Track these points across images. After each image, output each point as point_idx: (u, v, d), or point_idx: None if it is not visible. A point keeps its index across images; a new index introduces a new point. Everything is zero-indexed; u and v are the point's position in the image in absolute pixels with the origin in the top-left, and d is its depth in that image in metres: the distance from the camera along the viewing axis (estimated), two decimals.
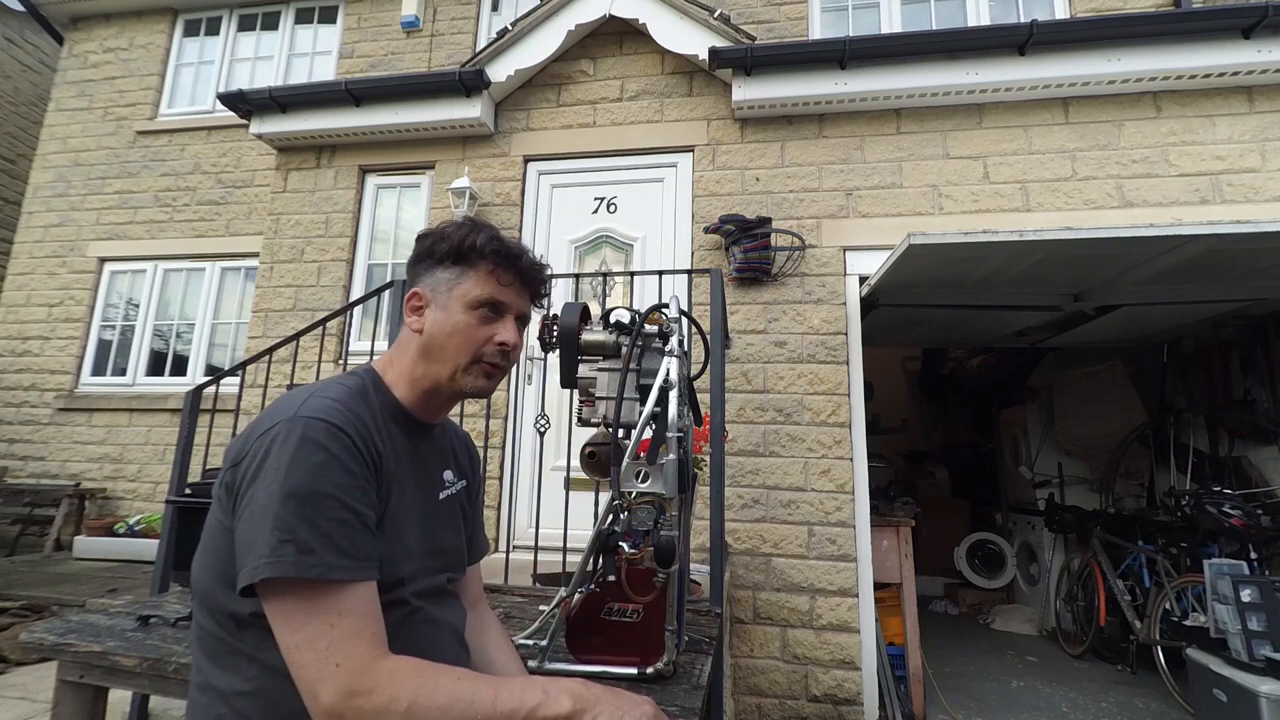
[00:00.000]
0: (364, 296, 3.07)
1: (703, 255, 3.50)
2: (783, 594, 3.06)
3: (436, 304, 0.94)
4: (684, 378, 1.23)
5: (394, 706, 0.68)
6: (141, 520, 4.71)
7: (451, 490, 1.03)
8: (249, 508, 0.73)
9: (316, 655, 0.69)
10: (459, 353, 0.93)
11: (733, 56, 3.42)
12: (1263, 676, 2.53)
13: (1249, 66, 3.10)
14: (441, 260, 0.95)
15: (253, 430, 0.79)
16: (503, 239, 0.97)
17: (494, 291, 0.94)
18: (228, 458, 0.80)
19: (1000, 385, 5.70)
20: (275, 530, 0.70)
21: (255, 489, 0.73)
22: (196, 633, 0.81)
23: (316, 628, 0.69)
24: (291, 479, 0.72)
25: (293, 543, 0.70)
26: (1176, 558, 3.73)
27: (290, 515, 0.71)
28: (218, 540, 0.79)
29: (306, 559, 0.70)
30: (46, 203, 5.93)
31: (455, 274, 0.94)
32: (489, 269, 0.94)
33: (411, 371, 0.94)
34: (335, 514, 0.73)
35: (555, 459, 3.24)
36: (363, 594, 0.74)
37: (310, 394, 0.82)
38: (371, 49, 5.35)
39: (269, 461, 0.73)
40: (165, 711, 2.34)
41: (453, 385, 0.94)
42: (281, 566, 0.69)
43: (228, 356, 5.32)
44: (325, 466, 0.74)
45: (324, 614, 0.70)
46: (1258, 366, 3.73)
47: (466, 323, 0.93)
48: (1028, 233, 2.57)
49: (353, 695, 0.68)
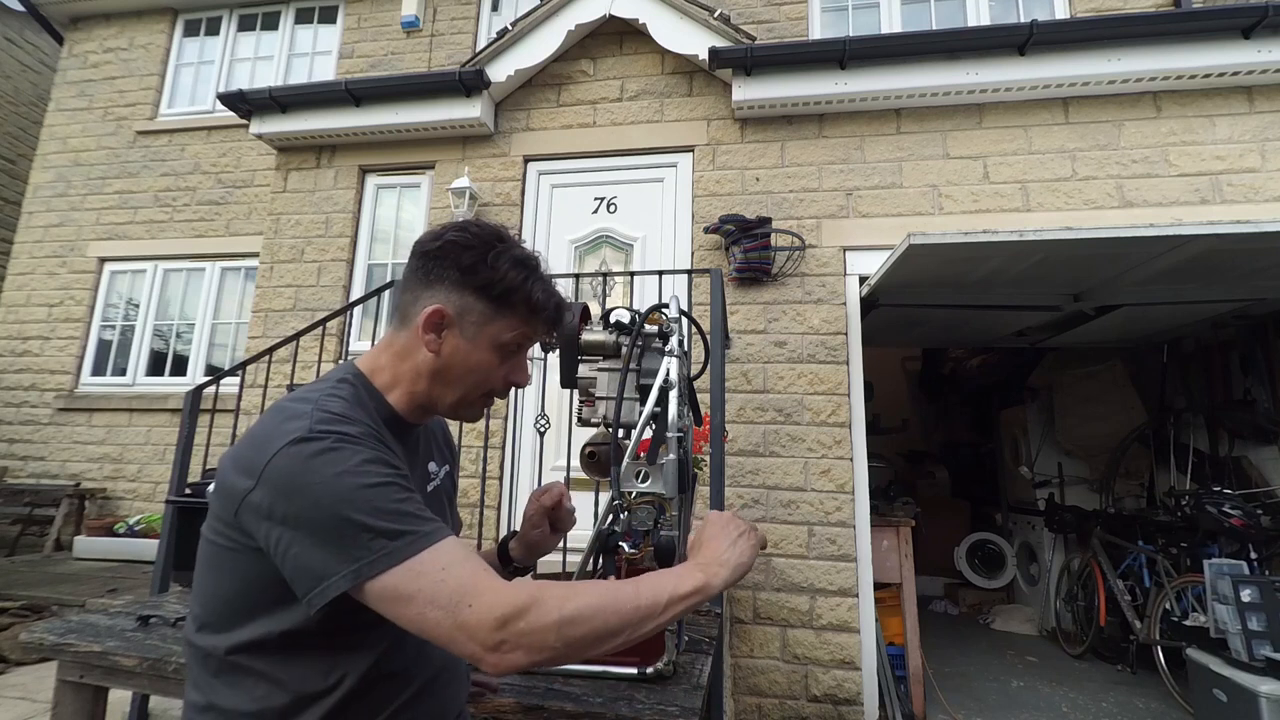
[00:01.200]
0: (364, 296, 3.08)
1: (703, 255, 3.50)
2: (783, 594, 3.06)
3: (462, 332, 0.88)
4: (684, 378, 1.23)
5: (547, 617, 0.67)
6: (141, 520, 4.71)
7: (438, 480, 1.03)
8: (306, 527, 0.70)
9: (446, 610, 0.67)
10: (473, 387, 0.91)
11: (733, 56, 3.42)
12: (1263, 676, 2.53)
13: (1249, 66, 3.10)
14: (479, 289, 0.87)
15: (260, 452, 0.74)
16: (555, 296, 0.93)
17: (526, 339, 0.93)
18: (234, 478, 0.75)
19: (1000, 385, 5.70)
20: (356, 533, 0.69)
21: (301, 509, 0.70)
22: (197, 653, 0.78)
23: (431, 588, 0.68)
24: (343, 482, 0.71)
25: (381, 535, 0.69)
26: (1176, 558, 3.73)
27: (362, 514, 0.70)
28: (226, 561, 0.76)
29: (398, 543, 0.70)
30: (46, 203, 5.93)
31: (490, 310, 0.88)
32: (528, 318, 0.90)
33: (413, 385, 0.89)
34: (398, 494, 0.73)
35: (555, 459, 3.24)
36: (453, 543, 0.73)
37: (313, 409, 0.78)
38: (371, 49, 5.35)
39: (308, 479, 0.71)
40: (165, 711, 2.35)
41: (449, 412, 0.93)
42: (383, 561, 0.69)
43: (228, 356, 5.32)
44: (366, 461, 0.74)
45: (431, 575, 0.69)
46: (1258, 366, 3.73)
47: (490, 362, 0.90)
48: (1028, 233, 2.57)
49: (504, 623, 0.66)
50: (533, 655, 0.67)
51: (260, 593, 0.75)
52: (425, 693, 0.86)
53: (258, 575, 0.74)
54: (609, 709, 1.23)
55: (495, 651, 0.66)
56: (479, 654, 0.67)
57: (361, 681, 0.78)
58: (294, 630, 0.74)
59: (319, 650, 0.77)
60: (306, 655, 0.76)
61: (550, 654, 0.68)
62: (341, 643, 0.78)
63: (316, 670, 0.76)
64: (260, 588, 0.75)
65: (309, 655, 0.76)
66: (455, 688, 0.95)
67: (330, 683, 0.76)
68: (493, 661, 0.67)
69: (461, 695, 0.97)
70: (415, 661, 0.85)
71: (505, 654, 0.66)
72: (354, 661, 0.78)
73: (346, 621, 0.76)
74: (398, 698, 0.82)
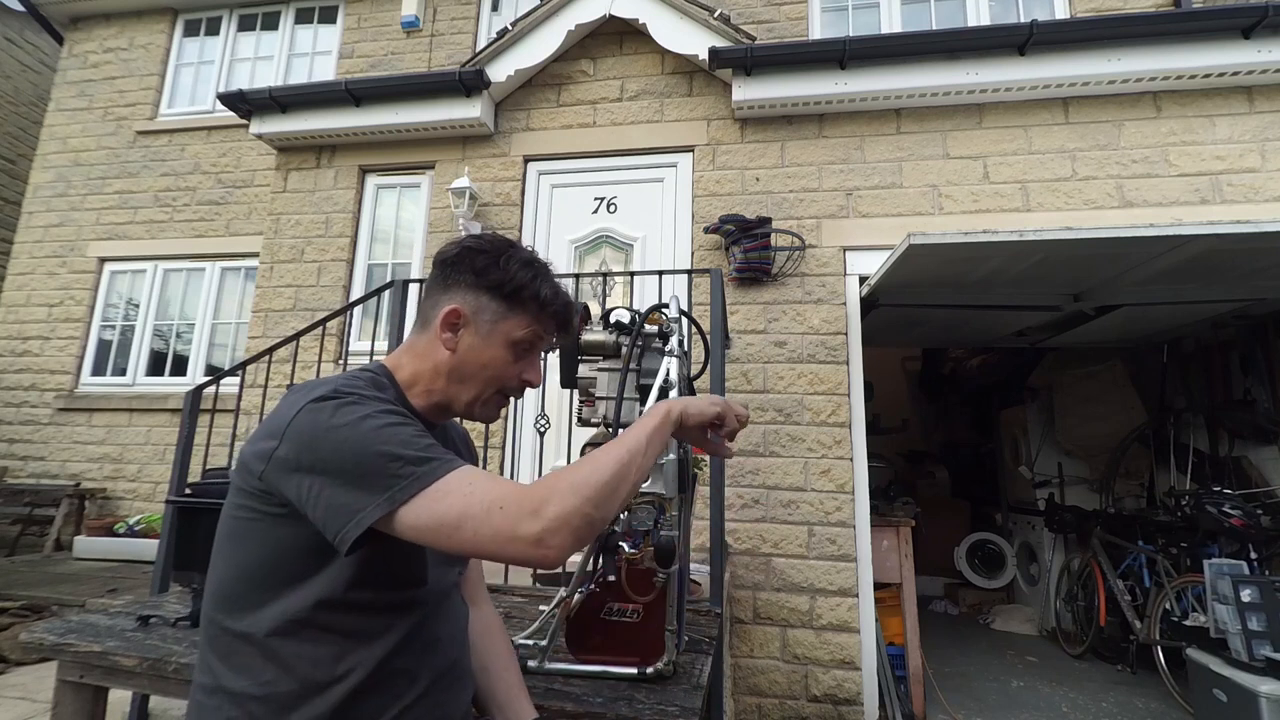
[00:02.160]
0: (364, 296, 3.07)
1: (703, 255, 3.50)
2: (783, 594, 3.06)
3: (477, 330, 0.92)
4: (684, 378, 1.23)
5: (569, 495, 0.71)
6: (141, 520, 4.70)
7: None
8: (334, 469, 0.73)
9: (481, 519, 0.70)
10: (486, 385, 0.93)
11: (733, 56, 3.42)
12: (1263, 676, 2.53)
13: (1249, 66, 3.10)
14: (491, 289, 0.92)
15: (282, 416, 0.78)
16: (563, 294, 0.97)
17: (537, 338, 0.95)
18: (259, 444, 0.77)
19: (1000, 385, 5.70)
20: (384, 464, 0.72)
21: (327, 453, 0.73)
22: (208, 632, 0.80)
23: (461, 503, 0.71)
24: (365, 424, 0.74)
25: (408, 462, 0.73)
26: (1176, 558, 3.73)
27: (387, 446, 0.73)
28: (252, 532, 0.78)
29: (426, 468, 0.73)
30: (46, 203, 5.93)
31: (503, 309, 0.92)
32: (537, 314, 0.94)
33: (431, 384, 0.93)
34: (416, 432, 0.77)
35: (555, 459, 3.24)
36: (472, 468, 0.77)
37: (333, 380, 0.82)
38: (371, 49, 5.35)
39: (331, 426, 0.74)
40: (165, 711, 2.35)
41: (466, 411, 0.95)
42: (414, 485, 0.72)
43: (228, 356, 5.32)
44: (382, 410, 0.77)
45: (459, 492, 0.72)
46: (1258, 366, 3.73)
47: (503, 359, 0.93)
48: (1028, 233, 2.57)
49: (537, 512, 0.70)
50: (574, 526, 0.71)
51: (280, 565, 0.77)
52: (432, 693, 0.87)
53: (278, 543, 0.77)
54: (609, 709, 1.23)
55: (539, 543, 0.69)
56: (526, 550, 0.70)
57: (370, 676, 0.79)
58: (309, 612, 0.76)
59: (332, 637, 0.78)
60: (318, 642, 0.77)
61: (586, 519, 0.72)
62: (354, 631, 0.79)
63: (327, 658, 0.77)
64: (280, 559, 0.77)
65: (321, 642, 0.77)
66: (461, 688, 0.95)
67: (339, 673, 0.77)
68: (541, 554, 0.70)
69: (466, 696, 0.97)
70: (422, 660, 0.85)
71: (549, 539, 0.69)
72: (364, 653, 0.79)
73: (364, 595, 0.78)
74: (405, 696, 0.82)
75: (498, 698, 1.05)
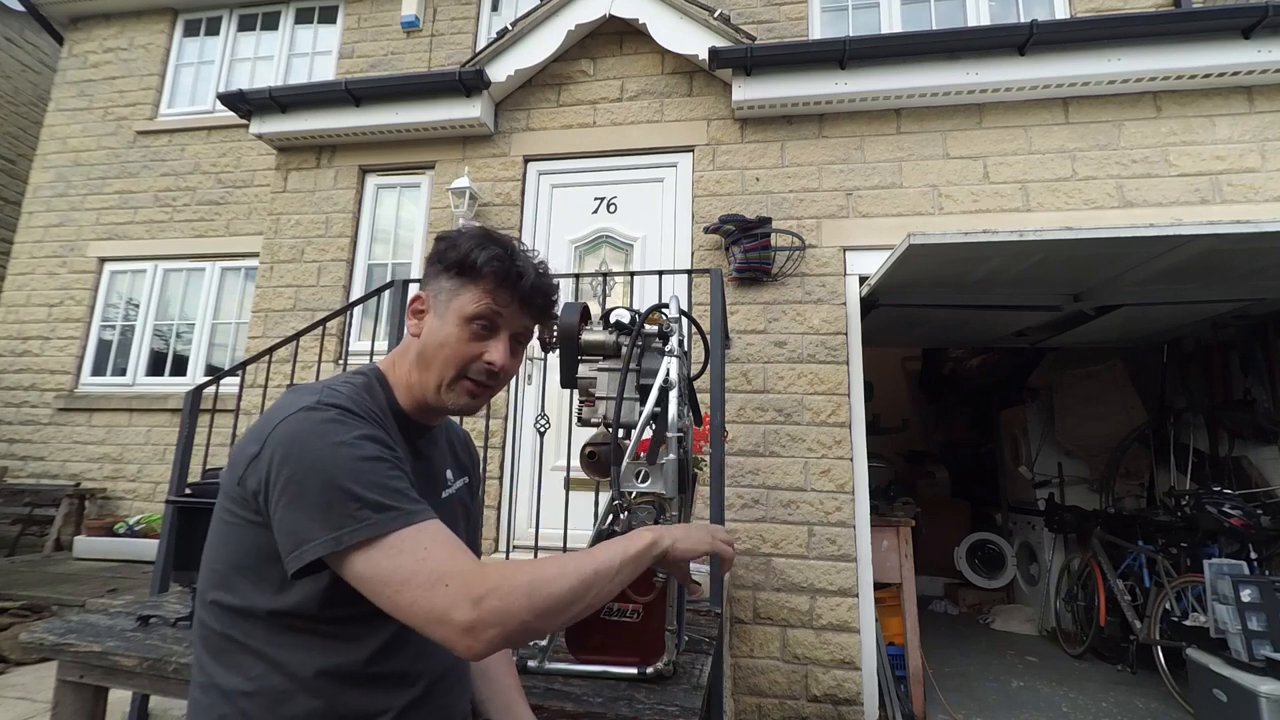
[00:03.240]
0: (364, 296, 3.07)
1: (703, 255, 3.50)
2: (783, 594, 3.06)
3: (436, 312, 0.92)
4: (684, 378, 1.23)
5: (517, 595, 0.69)
6: (141, 520, 4.71)
7: (453, 489, 1.03)
8: (296, 489, 0.72)
9: (424, 589, 0.68)
10: (445, 366, 0.91)
11: (733, 56, 3.42)
12: (1263, 676, 2.53)
13: (1249, 66, 3.10)
14: (448, 268, 0.92)
15: (268, 421, 0.78)
16: (508, 257, 0.93)
17: (489, 309, 0.91)
18: (243, 448, 0.79)
19: (1000, 385, 5.70)
20: (343, 501, 0.71)
21: (296, 470, 0.73)
22: (200, 631, 0.81)
23: (411, 565, 0.70)
24: (340, 452, 0.73)
25: (366, 506, 0.71)
26: (1176, 558, 3.73)
27: (352, 483, 0.72)
28: (232, 534, 0.78)
29: (384, 515, 0.71)
30: (46, 203, 5.93)
31: (456, 285, 0.92)
32: (488, 286, 0.92)
33: (408, 377, 0.93)
34: (390, 471, 0.75)
35: (555, 459, 3.24)
36: (435, 525, 0.75)
37: (323, 388, 0.82)
38: (371, 49, 5.35)
39: (308, 443, 0.74)
40: (165, 711, 2.35)
41: (437, 399, 0.92)
42: (364, 531, 0.70)
43: (228, 356, 5.32)
44: (364, 437, 0.76)
45: (412, 553, 0.70)
46: (1258, 366, 3.73)
47: (458, 336, 0.90)
48: (1028, 233, 2.57)
49: (479, 601, 0.68)
50: (508, 629, 0.68)
51: (259, 569, 0.77)
52: (434, 695, 0.87)
53: (258, 549, 0.77)
54: (609, 709, 1.23)
55: (469, 632, 0.67)
56: (452, 636, 0.67)
57: (359, 675, 0.79)
58: (289, 617, 0.76)
59: (314, 639, 0.77)
60: (303, 639, 0.77)
61: (522, 625, 0.69)
62: (337, 632, 0.78)
63: (312, 657, 0.77)
64: (260, 564, 0.77)
65: (305, 639, 0.77)
66: (461, 689, 0.95)
67: (326, 669, 0.77)
68: (467, 644, 0.67)
69: (466, 699, 0.97)
70: (417, 663, 0.85)
71: (481, 631, 0.67)
72: (350, 654, 0.79)
73: (340, 611, 0.77)
74: (402, 697, 0.82)
75: (497, 702, 1.04)
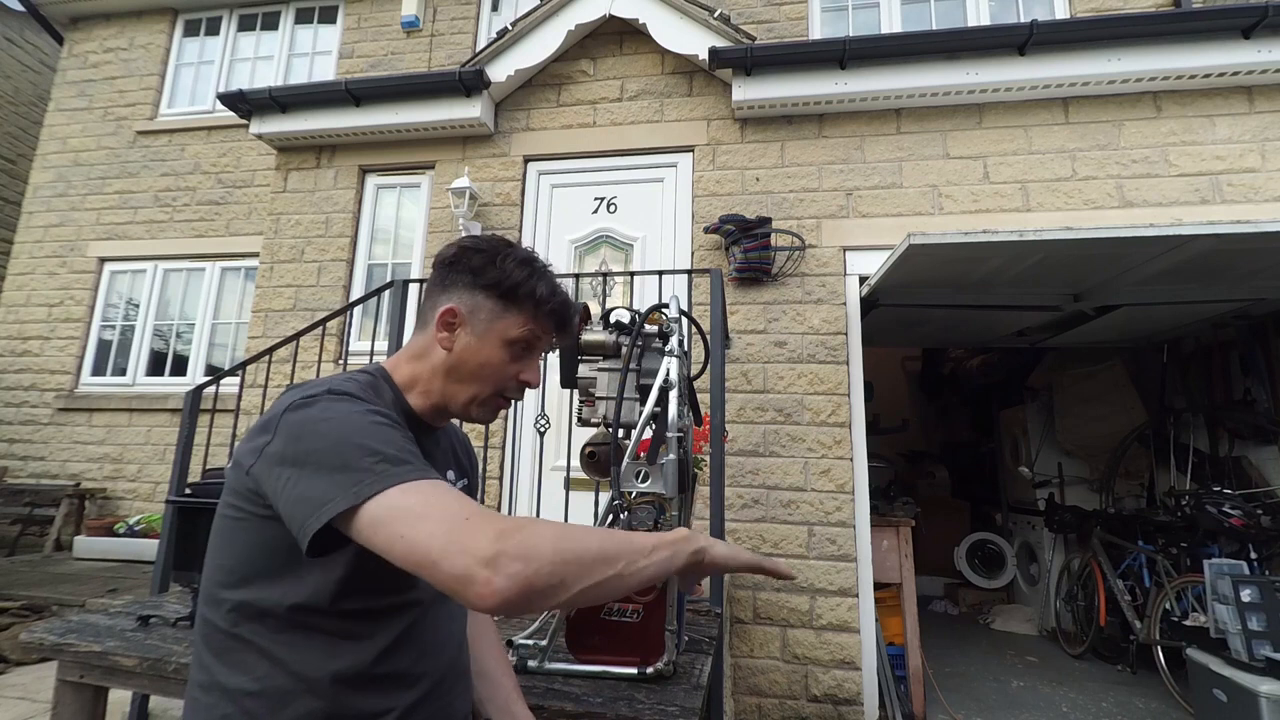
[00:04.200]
0: (364, 296, 3.07)
1: (703, 255, 3.50)
2: (782, 594, 3.06)
3: (473, 329, 0.92)
4: (684, 378, 1.23)
5: (544, 536, 0.64)
6: (141, 520, 4.71)
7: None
8: (309, 458, 0.70)
9: (443, 521, 0.64)
10: (484, 385, 0.92)
11: (733, 56, 3.42)
12: (1263, 676, 2.53)
13: (1249, 66, 3.10)
14: (487, 287, 0.92)
15: (276, 410, 0.78)
16: (560, 293, 0.95)
17: (532, 335, 0.94)
18: (250, 439, 0.78)
19: (1000, 385, 5.70)
20: (360, 456, 0.69)
21: (308, 443, 0.72)
22: (203, 630, 0.80)
23: (429, 502, 0.66)
24: (353, 421, 0.73)
25: (385, 460, 0.69)
26: (1176, 558, 3.73)
27: (368, 439, 0.71)
28: (239, 532, 0.78)
29: (400, 468, 0.69)
30: (46, 203, 5.93)
31: (499, 308, 0.92)
32: (533, 313, 0.93)
33: (429, 384, 0.93)
34: (405, 438, 0.75)
35: (555, 459, 3.24)
36: (450, 486, 0.72)
37: (329, 382, 0.82)
38: (371, 49, 5.35)
39: (320, 419, 0.73)
40: (165, 712, 2.35)
41: (464, 411, 0.93)
42: (384, 479, 0.67)
43: (228, 356, 5.32)
44: (375, 412, 0.77)
45: (427, 493, 0.68)
46: (1258, 366, 3.73)
47: (500, 359, 0.92)
48: (1028, 233, 2.57)
49: (504, 534, 0.62)
50: (530, 570, 0.61)
51: (266, 566, 0.77)
52: (436, 695, 0.87)
53: (264, 545, 0.77)
54: (609, 709, 1.23)
55: (490, 565, 0.60)
56: (472, 568, 0.60)
57: (364, 675, 0.78)
58: (296, 614, 0.76)
59: (321, 637, 0.77)
60: (311, 637, 0.77)
61: (547, 568, 0.62)
62: (346, 630, 0.78)
63: (318, 656, 0.77)
64: (266, 561, 0.77)
65: (311, 641, 0.77)
66: (463, 689, 0.95)
67: (332, 670, 0.77)
68: (486, 577, 0.59)
69: (467, 700, 0.97)
70: (420, 663, 0.85)
71: (503, 564, 0.60)
72: (357, 652, 0.78)
73: (352, 604, 0.77)
74: (405, 697, 0.82)
75: (496, 702, 1.04)
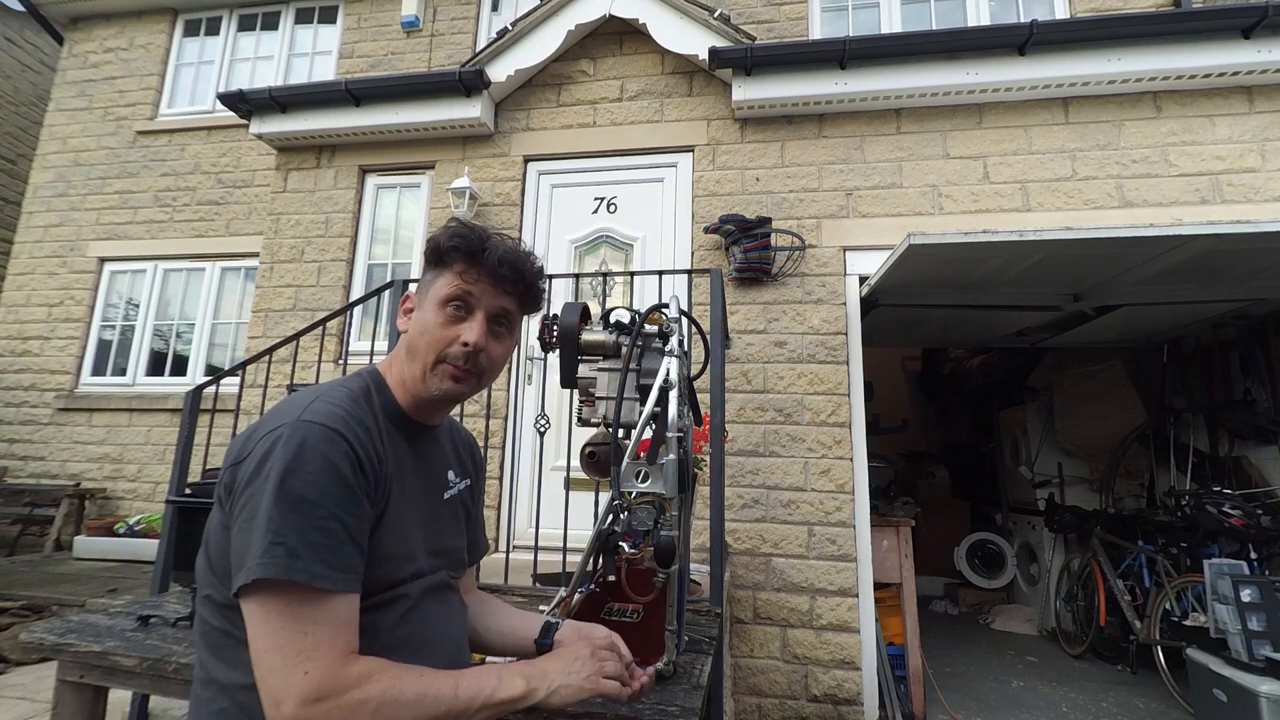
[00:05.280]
0: (364, 296, 3.07)
1: (703, 255, 3.50)
2: (783, 594, 3.06)
3: (419, 304, 0.96)
4: (684, 378, 1.23)
5: (363, 709, 0.70)
6: (141, 520, 4.71)
7: (455, 490, 1.03)
8: (246, 509, 0.74)
9: (285, 660, 0.69)
10: (427, 352, 0.92)
11: (733, 56, 3.42)
12: (1263, 676, 2.53)
13: (1249, 66, 3.10)
14: (427, 261, 0.97)
15: (255, 431, 0.80)
16: (471, 233, 0.94)
17: (459, 289, 0.92)
18: (229, 457, 0.81)
19: (1000, 385, 5.70)
20: (268, 533, 0.71)
21: (253, 490, 0.74)
22: (199, 627, 0.82)
23: (290, 634, 0.70)
24: (287, 484, 0.73)
25: (283, 545, 0.71)
26: (1176, 558, 3.73)
27: (282, 519, 0.71)
28: (219, 537, 0.80)
29: (294, 562, 0.71)
30: (46, 203, 5.93)
31: (432, 275, 0.96)
32: (459, 268, 0.93)
33: (400, 372, 0.94)
34: (325, 524, 0.74)
35: (555, 459, 3.24)
36: (341, 605, 0.74)
37: (315, 398, 0.82)
38: (371, 49, 5.35)
39: (268, 464, 0.74)
40: (165, 711, 2.35)
41: (424, 387, 0.92)
42: (270, 567, 0.70)
43: (228, 356, 5.32)
44: (321, 474, 0.75)
45: (300, 621, 0.71)
46: (1258, 366, 3.73)
47: (435, 321, 0.92)
48: (1028, 233, 2.57)
49: (319, 700, 0.68)
50: None
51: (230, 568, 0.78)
52: None
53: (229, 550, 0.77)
54: (609, 709, 1.22)
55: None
56: None
57: None
58: None
59: None
60: None
61: None
62: None
63: None
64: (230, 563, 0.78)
65: None
66: None
67: None
68: None
69: None
70: (415, 658, 0.84)
71: None
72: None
73: None
74: None
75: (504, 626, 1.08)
